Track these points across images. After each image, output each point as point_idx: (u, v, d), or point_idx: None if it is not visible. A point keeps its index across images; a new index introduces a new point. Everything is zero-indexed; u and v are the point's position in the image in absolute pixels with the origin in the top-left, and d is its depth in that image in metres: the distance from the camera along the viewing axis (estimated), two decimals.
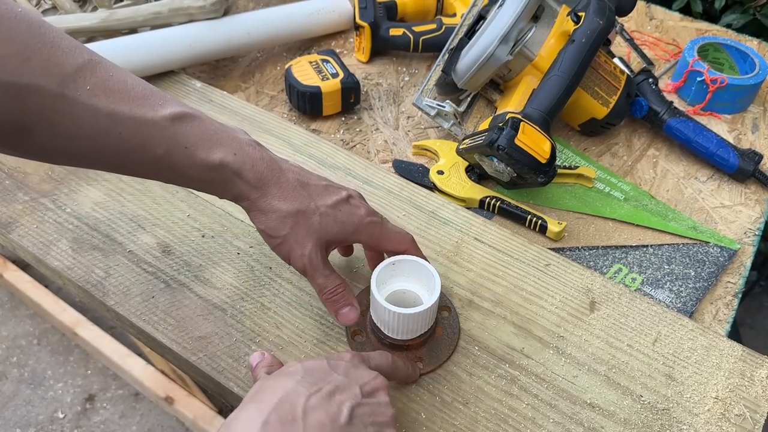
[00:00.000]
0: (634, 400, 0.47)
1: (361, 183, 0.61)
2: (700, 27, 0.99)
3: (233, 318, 0.51)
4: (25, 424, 1.30)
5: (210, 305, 0.52)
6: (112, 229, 0.57)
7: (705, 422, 0.46)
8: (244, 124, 0.66)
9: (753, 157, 0.71)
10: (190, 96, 0.69)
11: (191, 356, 0.49)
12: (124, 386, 1.38)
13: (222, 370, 0.48)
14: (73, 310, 1.42)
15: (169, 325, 0.50)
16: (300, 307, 0.52)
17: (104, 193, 0.60)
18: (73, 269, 0.54)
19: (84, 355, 1.43)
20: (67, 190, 0.60)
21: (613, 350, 0.50)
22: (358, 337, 0.50)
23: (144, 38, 0.70)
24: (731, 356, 0.50)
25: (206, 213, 0.59)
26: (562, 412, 0.46)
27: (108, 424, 1.32)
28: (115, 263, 0.55)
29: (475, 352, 0.49)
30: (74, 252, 0.55)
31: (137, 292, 0.53)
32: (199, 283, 0.54)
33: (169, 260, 0.55)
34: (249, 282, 0.54)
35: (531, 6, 0.67)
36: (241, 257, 0.55)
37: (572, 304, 0.53)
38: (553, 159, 0.60)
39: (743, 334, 1.55)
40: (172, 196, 0.60)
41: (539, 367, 0.49)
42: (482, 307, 0.52)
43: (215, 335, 0.50)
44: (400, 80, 0.83)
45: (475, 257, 0.56)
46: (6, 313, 1.51)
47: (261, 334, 0.50)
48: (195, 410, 1.27)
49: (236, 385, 0.47)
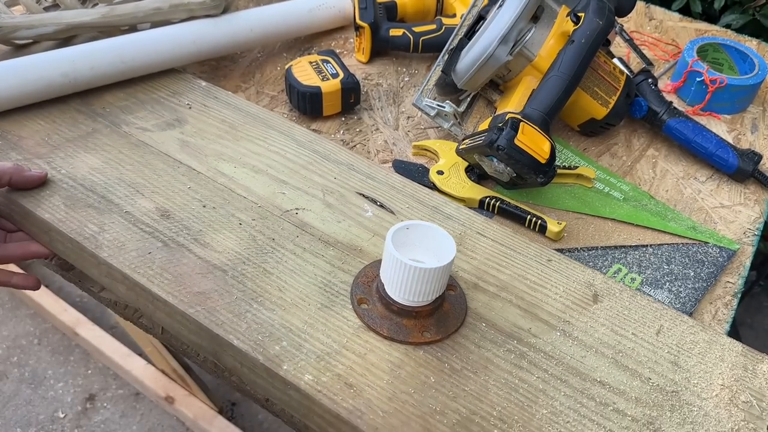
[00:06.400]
0: (643, 382, 0.47)
1: (364, 177, 0.61)
2: (699, 27, 0.99)
3: (234, 279, 0.50)
4: (25, 423, 1.31)
5: (210, 265, 0.50)
6: (109, 191, 0.56)
7: (714, 406, 0.46)
8: (248, 120, 0.66)
9: (752, 157, 0.72)
10: (195, 92, 0.70)
11: (188, 309, 0.47)
12: (124, 386, 1.38)
13: (221, 323, 0.46)
14: (74, 310, 1.42)
15: (165, 279, 0.49)
16: (304, 275, 0.51)
17: (102, 161, 0.59)
18: (65, 222, 0.52)
19: (84, 354, 1.43)
20: (63, 155, 0.59)
21: (619, 337, 0.50)
22: (364, 305, 0.49)
23: (149, 35, 0.70)
24: (732, 351, 0.50)
25: (208, 187, 0.58)
26: (573, 387, 0.46)
27: (108, 423, 1.33)
28: (110, 221, 0.53)
29: (482, 328, 0.49)
30: (67, 207, 0.54)
31: (132, 248, 0.51)
32: (199, 245, 0.52)
33: (168, 223, 0.53)
34: (251, 249, 0.52)
35: (531, 6, 0.67)
36: (243, 227, 0.54)
37: (576, 295, 0.53)
38: (552, 159, 0.60)
39: (743, 334, 1.55)
40: (173, 170, 0.59)
41: (547, 346, 0.48)
42: (487, 291, 0.52)
43: (214, 292, 0.48)
44: (400, 80, 0.84)
45: (478, 248, 0.56)
46: (6, 312, 1.51)
47: (263, 295, 0.49)
48: (195, 410, 1.28)
49: (236, 338, 0.45)
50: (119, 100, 0.68)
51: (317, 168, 0.61)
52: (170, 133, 0.64)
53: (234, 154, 0.62)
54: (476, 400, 0.44)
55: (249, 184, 0.58)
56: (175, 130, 0.64)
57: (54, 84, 0.65)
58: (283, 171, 0.60)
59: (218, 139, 0.63)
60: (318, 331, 0.47)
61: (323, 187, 0.59)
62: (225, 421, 1.27)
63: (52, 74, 0.64)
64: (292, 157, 0.62)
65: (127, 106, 0.67)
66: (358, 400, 0.43)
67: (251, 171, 0.60)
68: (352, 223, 0.56)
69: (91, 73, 0.66)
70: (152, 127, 0.64)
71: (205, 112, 0.67)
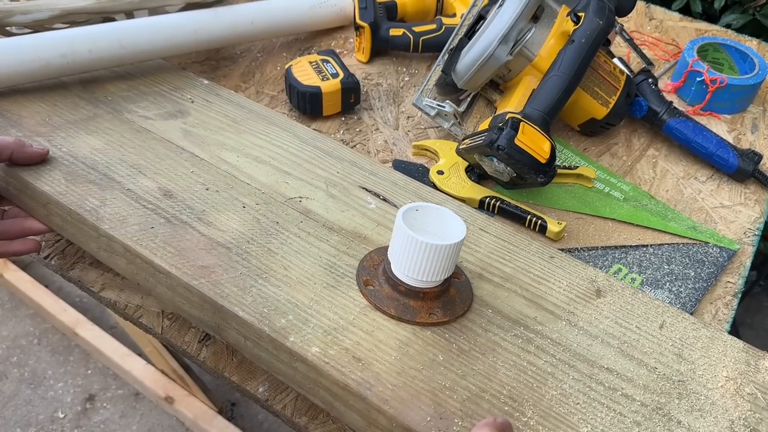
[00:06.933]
0: (650, 371, 0.47)
1: (367, 173, 0.61)
2: (699, 27, 0.99)
3: (238, 256, 0.49)
4: (25, 423, 1.31)
5: (214, 242, 0.50)
6: (110, 170, 0.55)
7: (721, 396, 0.46)
8: (251, 116, 0.66)
9: (752, 157, 0.72)
10: (197, 88, 0.69)
11: (192, 280, 0.46)
12: (124, 386, 1.38)
13: (226, 295, 0.46)
14: (74, 310, 1.42)
15: (168, 253, 0.48)
16: (309, 256, 0.51)
17: (104, 142, 0.59)
18: (66, 195, 0.52)
19: (84, 354, 1.43)
20: (64, 135, 0.59)
21: (623, 329, 0.50)
22: (370, 286, 0.49)
23: (149, 22, 0.70)
24: (734, 347, 0.50)
25: (211, 172, 0.58)
26: (581, 372, 0.46)
27: (108, 423, 1.33)
28: (111, 196, 0.52)
29: (488, 314, 0.49)
30: (68, 182, 0.53)
31: (134, 222, 0.50)
32: (203, 224, 0.52)
33: (171, 202, 0.53)
34: (255, 230, 0.52)
35: (531, 6, 0.67)
36: (246, 210, 0.54)
37: (579, 289, 0.53)
38: (552, 159, 0.60)
39: (743, 334, 1.55)
40: (176, 155, 0.59)
41: (554, 333, 0.49)
42: (492, 281, 0.52)
43: (219, 266, 0.48)
44: (400, 80, 0.83)
45: (481, 243, 0.56)
46: (6, 312, 1.51)
47: (268, 272, 0.48)
48: (195, 410, 1.28)
49: (241, 310, 0.45)
50: (121, 90, 0.67)
51: (320, 163, 0.61)
52: (173, 122, 0.63)
53: (237, 145, 0.62)
54: (485, 379, 0.44)
55: (252, 173, 0.58)
56: (177, 120, 0.64)
57: (52, 65, 0.64)
58: (286, 163, 0.60)
59: (221, 131, 0.63)
60: (324, 308, 0.47)
61: (326, 180, 0.59)
62: (225, 422, 1.27)
63: (50, 54, 0.64)
64: (294, 151, 0.62)
65: (129, 96, 0.67)
66: (367, 373, 0.43)
67: (254, 161, 0.60)
68: (355, 213, 0.56)
69: (89, 56, 0.66)
70: (154, 116, 0.64)
71: (207, 107, 0.67)
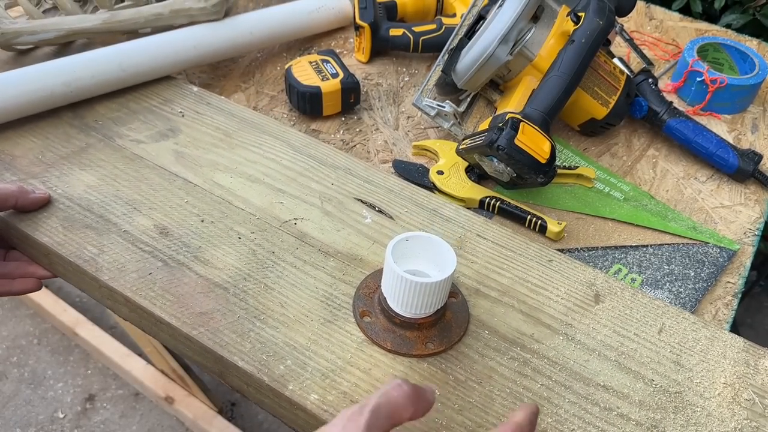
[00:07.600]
0: (647, 384, 0.47)
1: (361, 182, 0.61)
2: (699, 27, 0.99)
3: (236, 296, 0.50)
4: (25, 423, 1.31)
5: (211, 284, 0.51)
6: (106, 210, 0.56)
7: (717, 405, 0.46)
8: (243, 126, 0.66)
9: (753, 157, 0.71)
10: (187, 99, 0.69)
11: (191, 330, 0.47)
12: (124, 386, 1.38)
13: (225, 344, 0.46)
14: (73, 310, 1.42)
15: (167, 301, 0.49)
16: (305, 288, 0.51)
17: (98, 178, 0.59)
18: (64, 245, 0.52)
19: (84, 354, 1.43)
20: (58, 173, 0.59)
21: (621, 338, 0.50)
22: (366, 317, 0.49)
23: (148, 42, 0.70)
24: (734, 347, 0.50)
25: (205, 200, 0.58)
26: (577, 393, 0.46)
27: (108, 423, 1.33)
28: (109, 242, 0.53)
29: (485, 335, 0.49)
30: (65, 229, 0.54)
31: (133, 269, 0.51)
32: (199, 263, 0.52)
33: (167, 241, 0.53)
34: (251, 264, 0.52)
35: (531, 6, 0.67)
36: (242, 241, 0.54)
37: (577, 296, 0.53)
38: (552, 159, 0.60)
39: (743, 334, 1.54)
40: (169, 183, 0.59)
41: (550, 351, 0.49)
42: (489, 296, 0.52)
43: (217, 311, 0.49)
44: (400, 80, 0.83)
45: (478, 251, 0.56)
46: (6, 312, 1.51)
47: (265, 312, 0.49)
48: (195, 410, 1.28)
49: (240, 359, 0.46)
50: (111, 111, 0.67)
51: (314, 174, 0.61)
52: (164, 144, 0.63)
53: (230, 163, 0.62)
54: (482, 412, 0.44)
55: (246, 195, 0.59)
56: (169, 141, 0.64)
57: (56, 94, 0.64)
58: (279, 179, 0.60)
59: (213, 148, 0.63)
60: (322, 348, 0.47)
61: (321, 195, 0.59)
62: (225, 422, 1.27)
63: (54, 83, 0.64)
64: (288, 164, 0.62)
65: (119, 117, 0.67)
66: None
67: (248, 180, 0.60)
68: (351, 231, 0.56)
69: (92, 82, 0.66)
70: (146, 139, 0.64)
71: (198, 120, 0.67)
